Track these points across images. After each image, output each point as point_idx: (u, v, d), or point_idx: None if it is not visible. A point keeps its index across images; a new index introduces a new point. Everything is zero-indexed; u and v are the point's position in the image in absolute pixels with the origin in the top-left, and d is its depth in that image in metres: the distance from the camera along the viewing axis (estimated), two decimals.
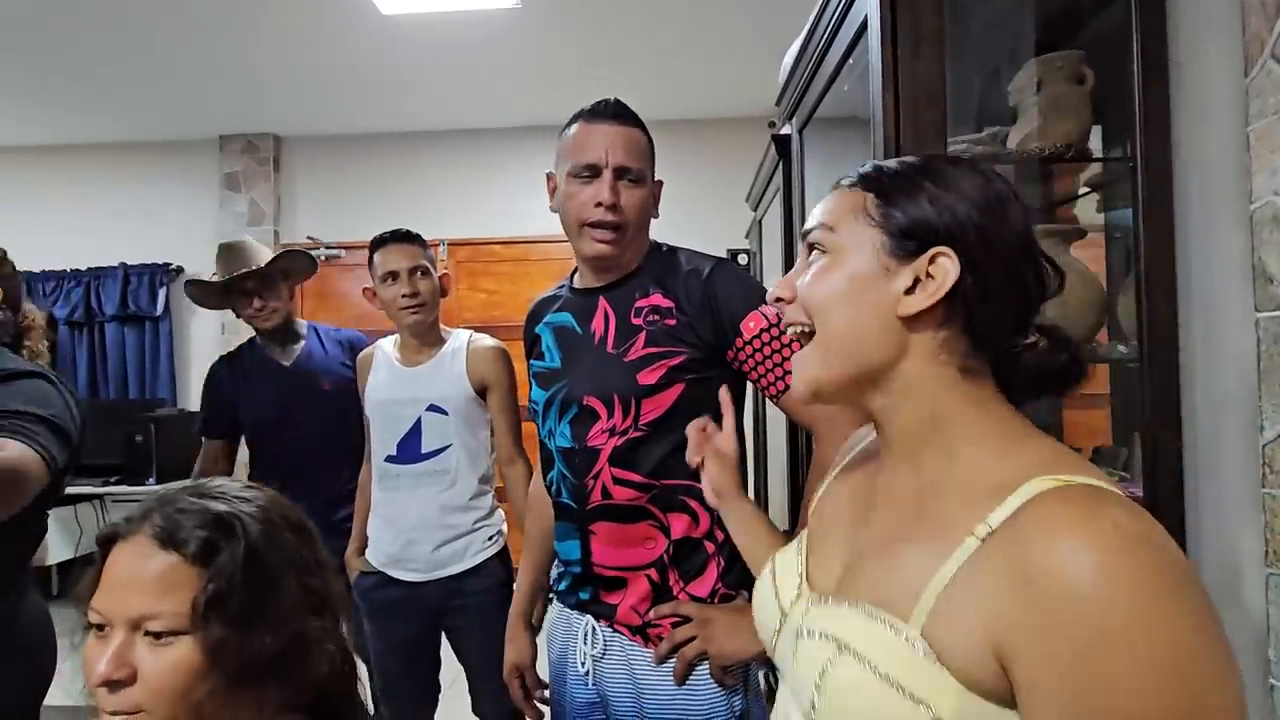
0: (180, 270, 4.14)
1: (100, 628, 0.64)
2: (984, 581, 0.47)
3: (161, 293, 4.11)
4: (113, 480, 3.60)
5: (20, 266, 4.16)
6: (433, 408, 1.57)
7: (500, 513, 1.73)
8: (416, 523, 1.57)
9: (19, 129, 3.97)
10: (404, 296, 1.56)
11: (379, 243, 1.63)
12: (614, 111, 1.05)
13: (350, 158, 4.15)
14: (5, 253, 1.26)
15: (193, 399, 4.11)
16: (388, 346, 1.69)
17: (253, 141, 4.11)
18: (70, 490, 3.56)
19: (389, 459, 1.60)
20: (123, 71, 3.28)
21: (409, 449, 1.59)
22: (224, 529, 0.66)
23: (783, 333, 1.00)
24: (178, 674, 0.62)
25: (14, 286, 1.25)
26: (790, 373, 0.96)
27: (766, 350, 1.00)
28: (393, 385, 1.61)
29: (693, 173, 3.96)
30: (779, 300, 0.61)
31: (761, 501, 2.41)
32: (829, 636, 0.54)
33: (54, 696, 1.23)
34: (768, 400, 1.06)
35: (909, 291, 0.54)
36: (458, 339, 1.66)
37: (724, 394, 0.92)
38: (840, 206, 0.58)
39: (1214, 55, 0.92)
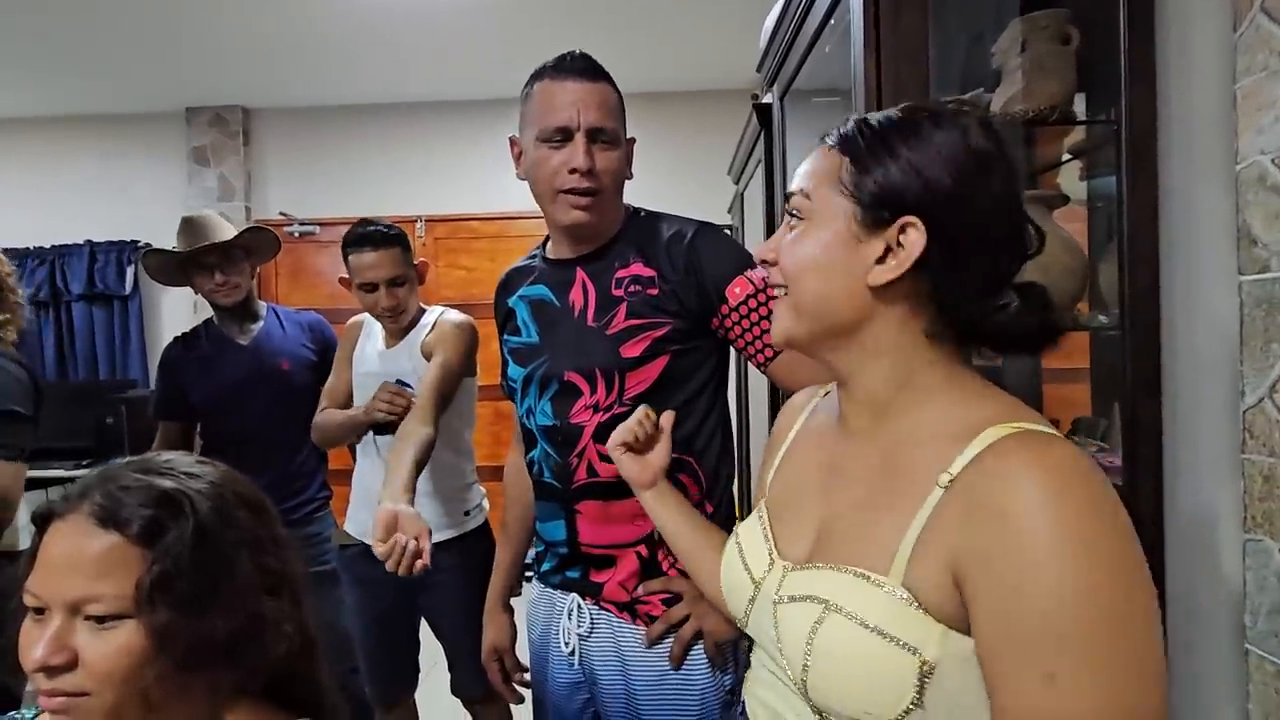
0: (149, 246, 4.03)
1: (39, 611, 0.61)
2: (948, 522, 0.51)
3: (130, 270, 3.99)
4: (84, 463, 3.52)
5: None
6: (400, 383, 1.57)
7: (480, 488, 1.72)
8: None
9: None
10: (383, 309, 1.58)
11: (356, 243, 1.57)
12: (581, 67, 0.98)
13: (323, 131, 4.04)
14: None
15: None
16: (370, 319, 1.70)
17: (221, 114, 3.98)
18: (41, 474, 3.48)
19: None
20: (86, 40, 3.14)
21: None
22: (171, 506, 0.62)
23: (770, 299, 0.95)
24: (121, 658, 0.59)
25: None
26: None
27: (753, 316, 0.97)
28: (378, 362, 1.64)
29: (673, 147, 3.90)
30: (764, 262, 0.63)
31: (745, 476, 2.40)
32: (814, 599, 0.55)
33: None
34: (754, 368, 1.03)
35: (880, 260, 0.55)
36: (429, 316, 1.66)
37: (666, 418, 0.90)
38: (818, 170, 0.59)
39: (1202, 11, 0.89)
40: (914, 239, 0.54)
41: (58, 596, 0.60)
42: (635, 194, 1.06)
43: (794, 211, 0.60)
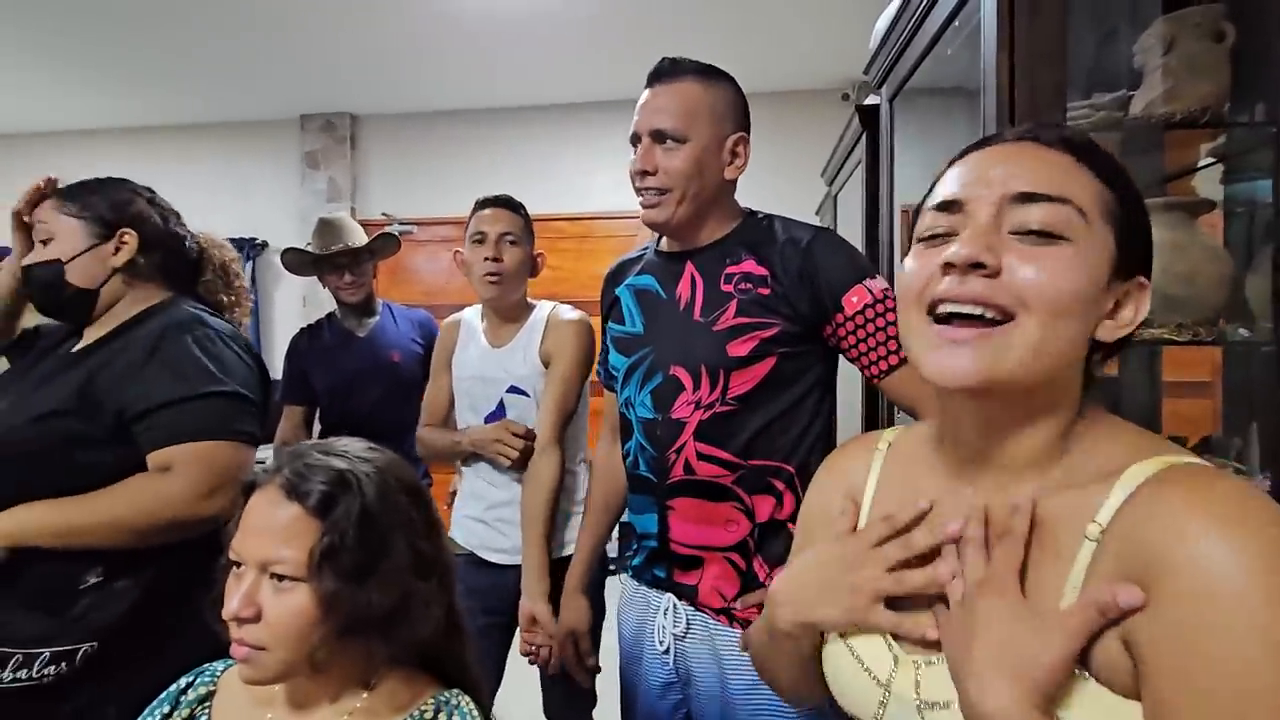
0: (266, 244, 4.33)
1: (237, 565, 0.68)
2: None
3: (249, 266, 4.30)
4: None
5: None
6: (513, 389, 1.48)
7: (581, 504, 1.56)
8: (505, 502, 1.47)
9: (118, 110, 4.20)
10: (486, 260, 1.45)
11: (478, 205, 1.54)
12: (659, 70, 1.03)
13: (421, 135, 4.23)
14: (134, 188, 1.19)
15: (278, 366, 4.30)
16: (473, 319, 1.59)
17: (331, 120, 4.24)
18: None
19: None
20: (213, 54, 3.42)
21: None
22: (343, 485, 0.69)
23: (888, 309, 0.94)
24: (295, 618, 0.65)
25: (147, 220, 1.16)
26: (897, 351, 0.95)
27: (870, 327, 0.95)
28: (481, 363, 1.52)
29: (760, 147, 3.85)
30: (975, 266, 0.50)
31: None
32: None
33: None
34: (868, 380, 1.02)
35: (1109, 315, 0.51)
36: (539, 312, 1.54)
37: None
38: (1084, 189, 0.50)
39: None
40: (1145, 302, 0.51)
41: (252, 555, 0.67)
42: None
43: (1048, 227, 0.49)
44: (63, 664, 0.94)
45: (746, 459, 0.98)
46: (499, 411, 1.52)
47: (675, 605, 1.04)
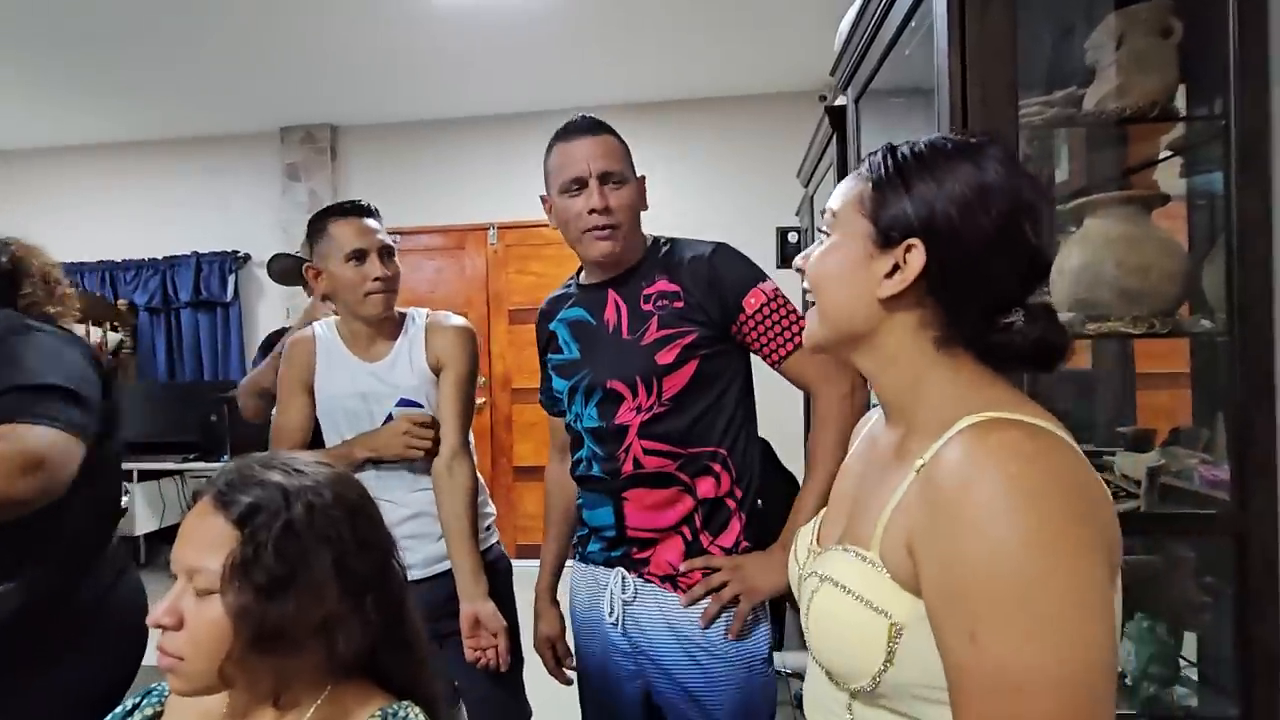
0: (248, 258, 4.32)
1: (175, 575, 0.68)
2: (910, 500, 0.58)
3: (231, 279, 4.29)
4: (191, 457, 3.81)
5: (104, 257, 4.44)
6: (404, 401, 1.39)
7: (491, 506, 1.54)
8: (409, 517, 1.39)
9: (99, 126, 4.18)
10: (375, 280, 1.35)
11: (335, 214, 1.39)
12: (585, 125, 1.15)
13: (401, 145, 4.23)
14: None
15: None
16: (324, 333, 1.45)
17: (311, 132, 4.23)
18: (154, 466, 3.77)
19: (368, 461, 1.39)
20: (193, 69, 3.41)
21: None
22: (269, 499, 0.67)
23: (780, 306, 1.11)
24: (209, 629, 0.64)
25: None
26: (789, 340, 1.10)
27: (767, 323, 1.10)
28: (356, 380, 1.40)
29: (741, 150, 3.89)
30: (799, 270, 0.71)
31: None
32: (819, 575, 0.64)
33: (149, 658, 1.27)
34: (770, 365, 1.15)
35: (888, 276, 0.62)
36: (414, 322, 1.45)
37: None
38: (848, 193, 0.67)
39: None
40: (914, 260, 0.60)
41: (180, 563, 0.67)
42: (707, 197, 1.12)
43: (823, 228, 0.68)
44: None
45: (685, 447, 1.11)
46: None
47: (624, 577, 1.16)
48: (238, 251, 4.31)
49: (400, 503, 1.39)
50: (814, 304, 0.69)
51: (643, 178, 1.19)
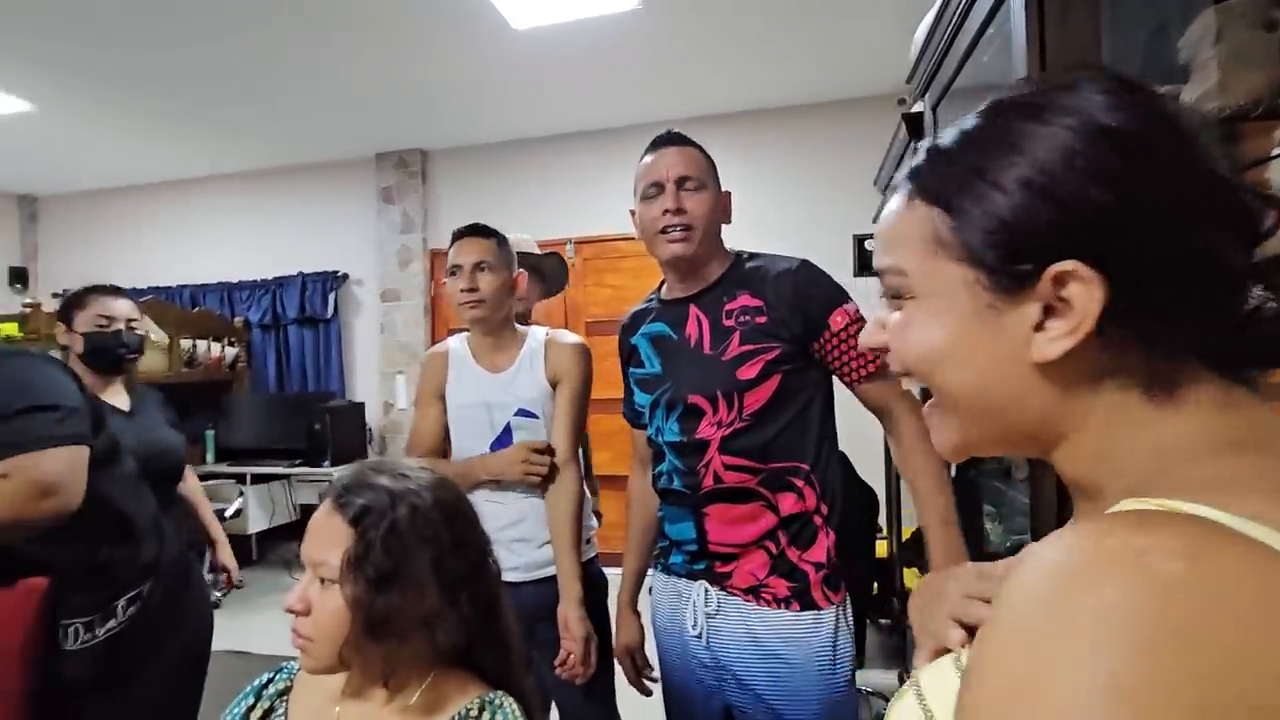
0: (346, 277, 4.63)
1: (304, 566, 0.77)
2: None
3: (331, 297, 4.61)
4: (297, 462, 4.11)
5: (222, 278, 4.85)
6: (522, 412, 1.49)
7: (595, 518, 1.64)
8: (514, 521, 1.47)
9: (217, 160, 4.61)
10: (462, 291, 1.47)
11: (454, 236, 1.56)
12: (670, 137, 1.18)
13: (484, 165, 4.43)
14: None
15: (359, 392, 4.59)
16: (460, 348, 1.57)
17: (403, 157, 4.50)
18: (263, 470, 4.10)
19: None
20: (296, 104, 3.72)
21: None
22: (378, 502, 0.76)
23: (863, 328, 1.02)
24: (331, 616, 0.73)
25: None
26: (870, 362, 1.07)
27: (850, 343, 1.10)
28: (481, 389, 1.51)
29: (817, 158, 3.84)
30: (875, 352, 0.50)
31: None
32: (915, 681, 0.47)
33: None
34: (847, 385, 1.15)
35: (1039, 327, 0.39)
36: (535, 338, 1.55)
37: None
38: (907, 235, 0.44)
39: None
40: (1079, 292, 0.37)
41: (308, 557, 0.76)
42: (784, 205, 1.12)
43: (893, 293, 0.45)
44: None
45: (766, 463, 1.11)
46: (506, 435, 1.52)
47: (707, 590, 1.16)
48: (337, 271, 4.63)
49: (507, 504, 1.48)
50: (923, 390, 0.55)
51: (727, 193, 1.20)
